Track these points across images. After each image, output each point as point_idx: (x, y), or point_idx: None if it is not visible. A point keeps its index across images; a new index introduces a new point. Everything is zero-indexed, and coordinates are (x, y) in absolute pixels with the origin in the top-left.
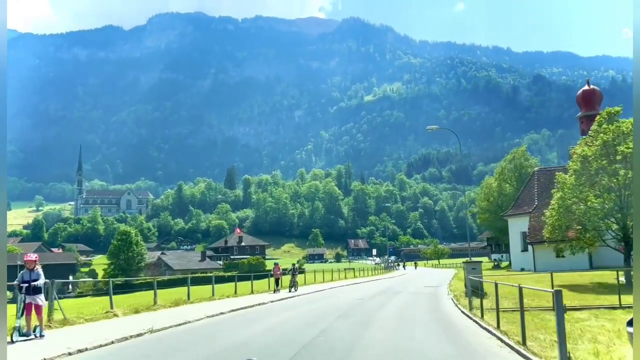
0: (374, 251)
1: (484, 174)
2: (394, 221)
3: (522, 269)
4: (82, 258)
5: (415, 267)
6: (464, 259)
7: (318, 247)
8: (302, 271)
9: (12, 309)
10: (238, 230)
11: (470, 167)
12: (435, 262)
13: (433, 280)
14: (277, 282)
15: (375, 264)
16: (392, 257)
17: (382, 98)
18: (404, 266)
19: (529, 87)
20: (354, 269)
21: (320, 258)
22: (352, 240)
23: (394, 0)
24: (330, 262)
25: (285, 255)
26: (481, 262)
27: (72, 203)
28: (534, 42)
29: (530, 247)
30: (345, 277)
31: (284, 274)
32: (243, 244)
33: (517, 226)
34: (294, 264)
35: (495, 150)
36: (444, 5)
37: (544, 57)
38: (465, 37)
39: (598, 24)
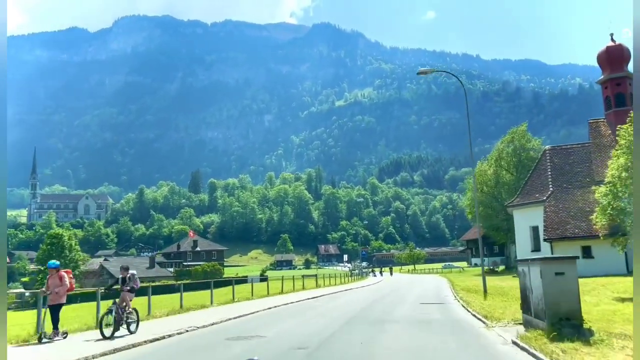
0: (345, 257)
1: (456, 178)
2: (365, 223)
3: None
4: (33, 266)
5: (391, 273)
6: (442, 264)
7: (287, 253)
8: (264, 278)
9: None
10: (191, 233)
11: (441, 172)
12: (411, 267)
13: (423, 291)
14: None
15: (350, 270)
16: (364, 263)
17: (353, 103)
18: (380, 272)
19: (498, 94)
20: (316, 275)
21: (288, 265)
22: (323, 246)
23: (365, 7)
24: (300, 269)
25: (252, 262)
26: (494, 267)
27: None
28: (503, 50)
29: (547, 245)
30: (304, 288)
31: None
32: (198, 249)
33: (526, 219)
34: (122, 268)
35: (466, 155)
36: (415, 13)
37: (512, 65)
38: (436, 44)
39: (565, 32)
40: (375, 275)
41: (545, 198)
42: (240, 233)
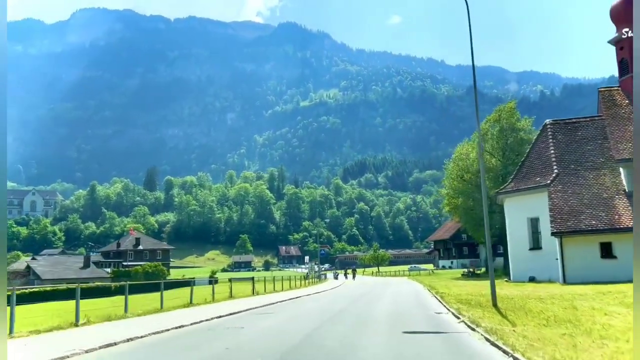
0: (307, 258)
1: (420, 181)
2: (327, 222)
3: (532, 279)
4: None
5: (354, 277)
6: (407, 266)
7: (246, 254)
8: (213, 281)
9: None
10: (132, 230)
11: (406, 174)
12: (375, 269)
13: (398, 302)
14: None
15: (307, 272)
16: (327, 265)
17: (318, 104)
18: (345, 275)
19: (462, 98)
20: (253, 278)
21: (247, 266)
22: (284, 247)
23: (331, 9)
24: (259, 270)
25: (209, 263)
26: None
27: None
28: (467, 57)
29: (553, 241)
30: (254, 293)
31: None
32: (140, 247)
33: (522, 210)
34: None
35: (430, 158)
36: (381, 17)
37: (476, 71)
38: (401, 48)
39: (526, 40)
40: (336, 278)
41: (549, 182)
42: (198, 233)
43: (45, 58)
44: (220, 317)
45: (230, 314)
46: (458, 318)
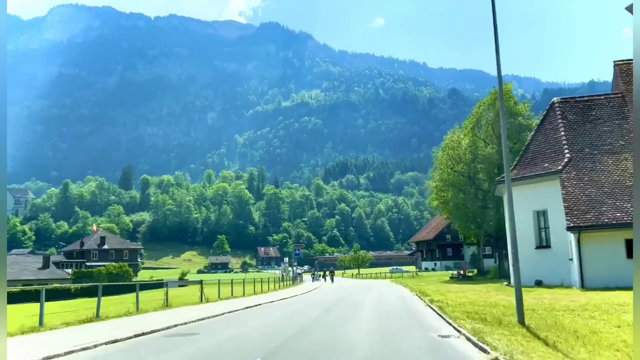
0: (285, 259)
1: (401, 182)
2: (308, 224)
3: (539, 283)
4: None
5: (332, 279)
6: (388, 268)
7: (224, 255)
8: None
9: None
10: (95, 228)
11: (387, 175)
12: (355, 271)
13: (384, 314)
14: None
15: (282, 273)
16: (305, 267)
17: (300, 104)
18: (323, 277)
19: (444, 101)
20: (201, 282)
21: (224, 267)
22: (262, 248)
23: (315, 10)
24: (236, 272)
25: (185, 264)
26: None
27: None
28: (449, 60)
29: (567, 237)
30: (167, 306)
31: None
32: (106, 246)
33: (526, 201)
34: None
35: (412, 159)
36: (364, 19)
37: (457, 74)
38: (384, 50)
39: (507, 45)
40: (317, 279)
41: (560, 168)
42: (174, 233)
43: (21, 54)
44: (191, 322)
45: (193, 321)
46: (481, 349)
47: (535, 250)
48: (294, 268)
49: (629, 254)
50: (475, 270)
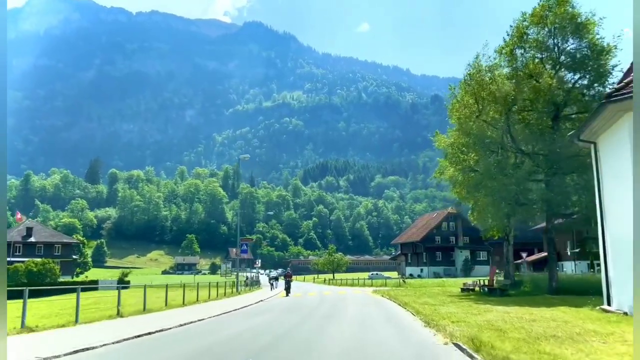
0: (258, 262)
1: (382, 186)
2: (284, 225)
3: None
4: None
5: (288, 289)
6: (367, 273)
7: (192, 255)
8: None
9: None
10: (19, 215)
11: (368, 178)
12: (329, 276)
13: None
14: None
15: (228, 275)
16: (279, 270)
17: (281, 105)
18: (275, 281)
19: (426, 107)
20: (144, 287)
21: (190, 268)
22: (234, 249)
23: (300, 12)
24: (204, 274)
25: (150, 264)
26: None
27: None
28: (431, 67)
29: None
30: (143, 310)
31: None
32: (32, 239)
33: None
34: None
35: (393, 164)
36: (350, 24)
37: (440, 82)
38: (367, 55)
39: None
40: (275, 286)
41: None
42: (141, 231)
43: None
44: None
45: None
46: None
47: None
48: (234, 269)
49: None
50: (504, 279)
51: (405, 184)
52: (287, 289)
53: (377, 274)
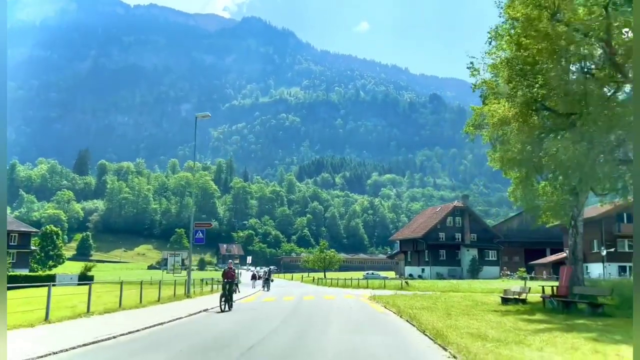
0: (249, 258)
1: (378, 184)
2: (277, 222)
3: None
4: None
5: (266, 286)
6: (362, 273)
7: (181, 250)
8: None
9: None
10: None
11: (364, 176)
12: (320, 275)
13: None
14: None
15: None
16: (272, 267)
17: (278, 100)
18: (265, 281)
19: (424, 106)
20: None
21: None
22: (225, 245)
23: (300, 10)
24: (193, 270)
25: (137, 259)
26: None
27: None
28: (430, 67)
29: None
30: (103, 312)
31: None
32: None
33: None
34: None
35: (390, 162)
36: (349, 22)
37: (438, 82)
38: (366, 53)
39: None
40: (259, 282)
41: None
42: (129, 224)
43: None
44: None
45: None
46: None
47: None
48: (250, 268)
49: None
50: (553, 287)
51: (402, 182)
52: (265, 287)
53: (372, 273)
